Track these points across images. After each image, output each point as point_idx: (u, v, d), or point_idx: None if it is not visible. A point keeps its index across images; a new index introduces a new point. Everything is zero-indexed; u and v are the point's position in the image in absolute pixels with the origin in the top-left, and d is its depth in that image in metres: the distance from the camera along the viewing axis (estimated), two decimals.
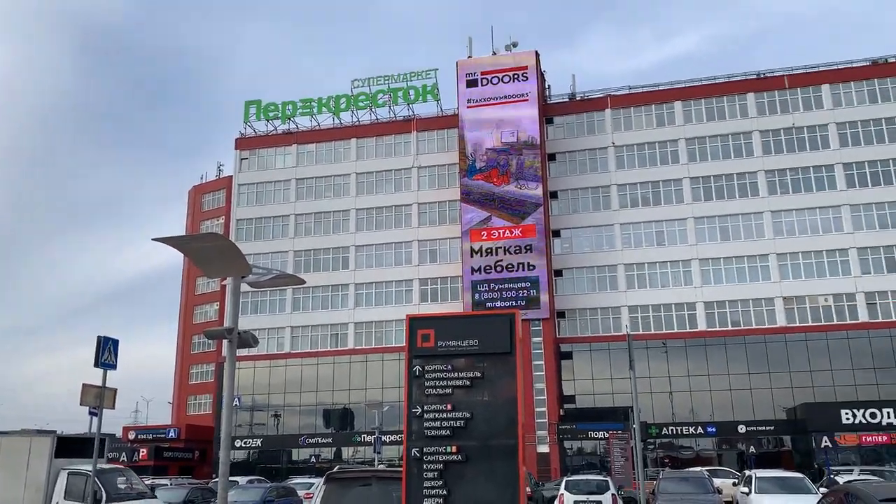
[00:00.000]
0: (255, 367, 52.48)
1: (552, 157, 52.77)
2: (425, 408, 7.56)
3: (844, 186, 47.29)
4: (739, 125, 50.01)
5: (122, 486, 16.22)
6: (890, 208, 46.31)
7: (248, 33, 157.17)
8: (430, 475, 7.36)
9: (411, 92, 54.98)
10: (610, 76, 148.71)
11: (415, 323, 7.90)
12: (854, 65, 49.65)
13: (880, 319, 44.80)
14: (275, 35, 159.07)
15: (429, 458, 7.42)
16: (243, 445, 51.52)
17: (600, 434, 44.65)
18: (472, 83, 52.14)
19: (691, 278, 48.22)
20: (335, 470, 11.13)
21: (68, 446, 16.67)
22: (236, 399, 50.61)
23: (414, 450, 7.47)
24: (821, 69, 50.04)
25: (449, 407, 7.54)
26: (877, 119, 47.91)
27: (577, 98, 54.45)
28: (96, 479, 15.14)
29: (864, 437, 41.14)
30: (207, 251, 7.45)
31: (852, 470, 34.28)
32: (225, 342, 7.96)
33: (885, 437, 40.97)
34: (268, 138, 58.28)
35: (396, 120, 56.05)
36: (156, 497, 17.42)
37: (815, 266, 46.55)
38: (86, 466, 15.76)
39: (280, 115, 57.38)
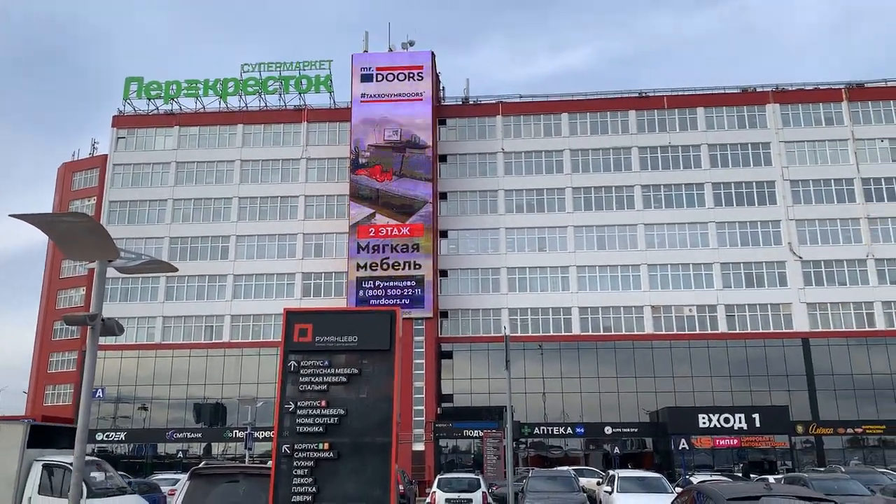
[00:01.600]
0: (122, 356, 49.83)
1: (443, 158, 53.24)
2: (299, 404, 7.41)
3: (712, 204, 50.41)
4: (620, 140, 52.30)
5: (100, 480, 14.84)
6: (752, 227, 49.77)
7: (136, 6, 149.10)
8: (300, 472, 7.23)
9: (304, 81, 53.94)
10: (503, 83, 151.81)
11: (292, 317, 7.73)
12: (726, 91, 53.07)
13: (737, 330, 48.07)
14: (164, 12, 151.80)
15: (300, 454, 7.29)
16: (105, 439, 48.78)
17: (475, 433, 45.49)
18: (366, 78, 51.80)
19: (569, 284, 49.96)
20: (201, 465, 10.71)
21: (38, 436, 15.10)
22: (98, 390, 47.84)
23: (284, 446, 7.31)
24: (697, 93, 53.17)
25: (324, 403, 7.43)
26: (744, 143, 51.40)
27: (471, 102, 55.21)
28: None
29: (717, 441, 44.01)
30: (71, 231, 6.96)
31: (706, 471, 36.67)
32: (88, 329, 7.47)
33: (735, 441, 44.00)
34: (148, 118, 55.52)
35: (287, 109, 54.82)
36: (136, 492, 16.01)
37: (682, 278, 49.36)
38: (60, 458, 14.44)
39: (163, 94, 54.79)
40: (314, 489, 7.18)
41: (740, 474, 36.81)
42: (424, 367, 47.11)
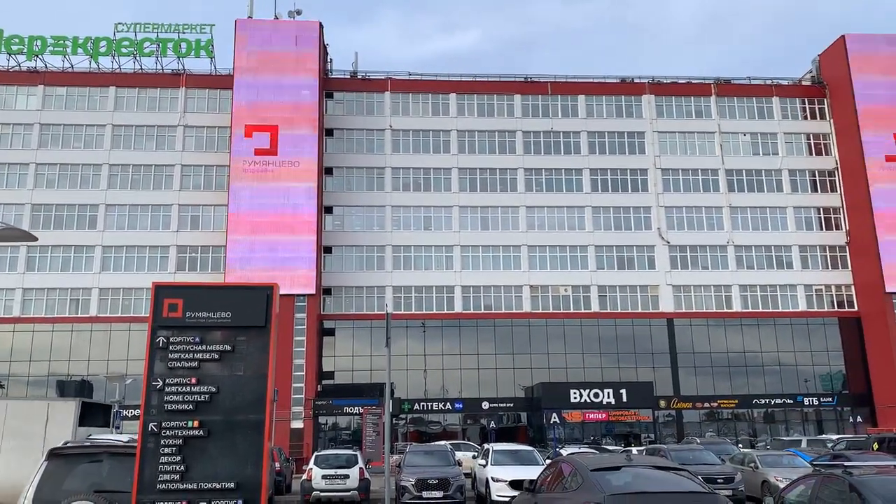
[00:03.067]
0: None
1: (329, 132, 52.42)
2: (168, 381, 7.20)
3: (590, 190, 52.42)
4: (506, 123, 53.33)
5: None
6: (625, 212, 52.18)
7: None
8: (167, 451, 7.05)
9: (183, 45, 51.44)
10: (393, 61, 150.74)
11: (161, 291, 7.49)
12: (606, 81, 55.13)
13: (609, 310, 50.47)
14: None
15: (167, 433, 7.10)
16: None
17: (356, 410, 45.56)
18: (250, 45, 50.02)
19: (453, 263, 50.68)
20: (61, 445, 10.18)
21: (85, 414, 14.62)
22: None
23: (151, 424, 7.10)
24: (579, 81, 54.92)
25: (194, 381, 7.25)
26: (621, 132, 53.67)
27: (359, 77, 54.54)
28: None
29: (587, 415, 46.23)
30: None
31: (577, 444, 38.47)
32: None
33: (604, 415, 46.38)
34: (9, 75, 51.27)
35: (164, 73, 52.14)
36: None
37: (559, 259, 51.19)
38: (107, 435, 13.84)
39: (26, 50, 50.72)
40: (182, 468, 7.02)
41: (609, 447, 38.83)
42: (305, 344, 46.56)
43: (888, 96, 51.17)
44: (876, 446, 21.80)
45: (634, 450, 27.07)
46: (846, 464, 11.16)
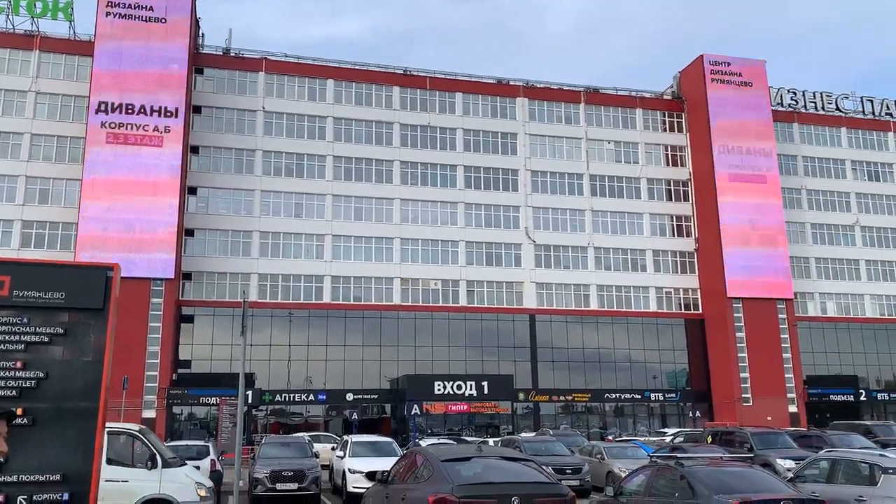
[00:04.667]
0: None
1: (197, 109, 50.16)
2: None
3: (463, 186, 53.25)
4: (384, 115, 53.13)
5: (163, 449, 13.46)
6: (495, 210, 53.39)
7: None
8: None
9: (38, 4, 47.47)
10: (272, 43, 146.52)
11: None
12: (483, 80, 56.15)
13: (476, 305, 51.52)
14: None
15: None
16: None
17: (213, 400, 43.94)
18: (115, 11, 46.88)
19: (323, 252, 49.96)
20: None
21: None
22: None
23: None
24: (457, 78, 55.62)
25: (19, 365, 6.69)
26: (495, 132, 54.84)
27: (233, 54, 52.53)
28: (146, 440, 12.67)
29: (450, 406, 47.04)
30: None
31: (437, 435, 39.03)
32: None
33: (466, 407, 47.35)
34: None
35: (15, 33, 47.93)
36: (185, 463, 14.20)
37: (431, 253, 51.69)
38: (116, 424, 12.83)
39: None
40: (1, 459, 6.45)
41: (468, 438, 39.64)
42: (161, 330, 44.36)
43: (738, 115, 55.27)
44: (709, 439, 23.50)
45: (491, 441, 27.81)
46: (679, 456, 11.97)
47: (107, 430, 13.52)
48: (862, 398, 54.53)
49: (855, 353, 55.90)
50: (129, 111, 45.80)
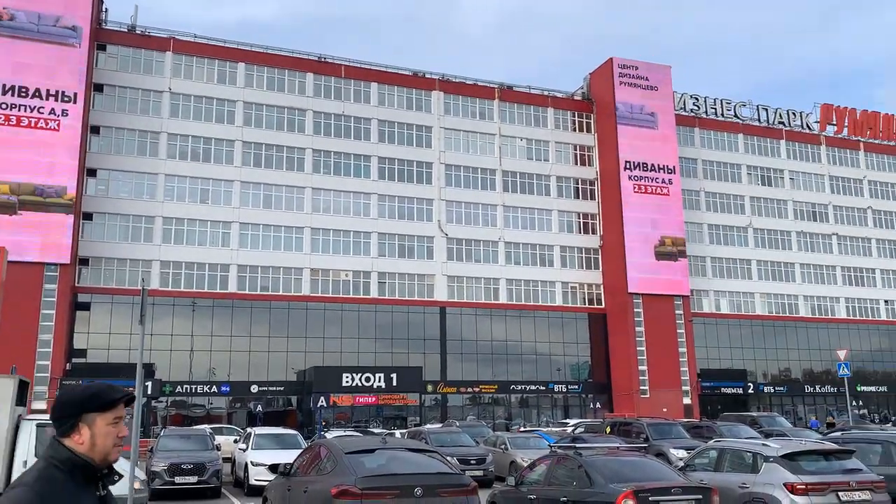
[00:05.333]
0: None
1: (99, 87, 47.83)
2: None
3: (377, 177, 52.97)
4: (297, 101, 52.17)
5: None
6: (409, 203, 53.40)
7: None
8: None
9: None
10: (183, 23, 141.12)
11: None
12: (400, 71, 55.96)
13: (387, 297, 51.44)
14: None
15: None
16: None
17: None
18: None
19: (229, 240, 48.68)
20: None
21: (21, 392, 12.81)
22: None
23: None
24: (373, 68, 55.20)
25: None
26: (410, 124, 54.80)
27: (138, 32, 50.30)
28: None
29: (357, 398, 46.86)
30: None
31: (343, 427, 38.79)
32: None
33: (373, 399, 47.29)
34: None
35: None
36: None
37: (343, 244, 51.22)
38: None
39: None
40: None
41: (375, 430, 39.60)
42: (55, 318, 42.17)
43: (644, 118, 57.30)
44: (608, 430, 24.40)
45: (397, 433, 27.90)
46: (577, 446, 12.37)
47: (35, 422, 13.02)
48: (750, 391, 57.77)
49: (745, 348, 59.14)
50: (23, 94, 43.16)
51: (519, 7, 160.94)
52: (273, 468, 16.68)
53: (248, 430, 22.08)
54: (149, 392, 41.35)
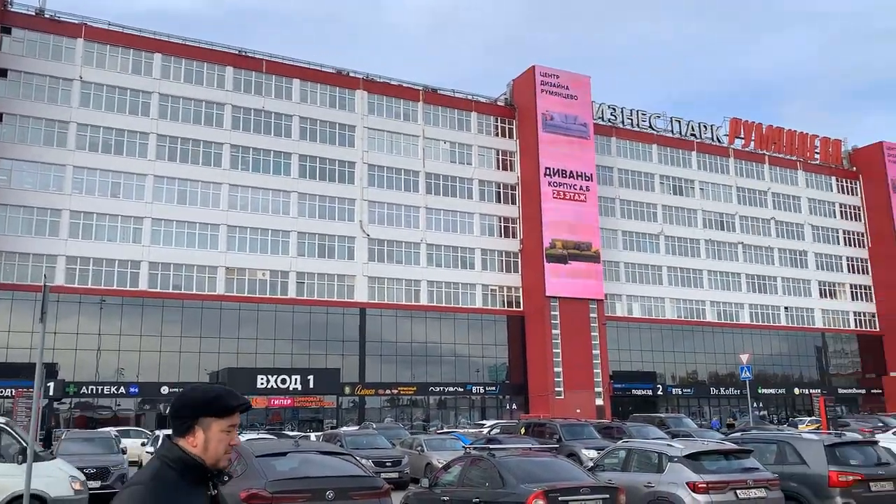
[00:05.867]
0: None
1: (3, 72, 45.36)
2: None
3: (297, 175, 52.18)
4: (215, 95, 50.84)
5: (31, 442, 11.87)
6: (330, 202, 52.84)
7: None
8: None
9: None
10: (96, 9, 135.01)
11: None
12: (323, 69, 55.33)
13: (305, 297, 50.72)
14: None
15: None
16: None
17: (8, 392, 39.97)
18: None
19: (141, 236, 47.00)
20: None
21: None
22: None
23: None
24: (295, 64, 54.36)
25: None
26: (332, 122, 54.24)
27: (47, 16, 47.93)
28: (14, 433, 11.99)
29: (272, 400, 46.02)
30: None
31: (257, 429, 38.01)
32: None
33: (289, 401, 46.55)
34: None
35: None
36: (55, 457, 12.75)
37: (260, 242, 50.21)
38: None
39: None
40: None
41: (290, 433, 38.99)
42: None
43: (564, 126, 58.54)
44: (523, 430, 24.81)
45: (312, 435, 27.56)
46: (491, 447, 12.54)
47: None
48: (659, 392, 59.87)
49: (655, 351, 61.23)
50: None
51: (445, 11, 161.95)
52: None
53: (157, 432, 21.35)
54: (51, 393, 39.50)
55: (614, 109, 64.15)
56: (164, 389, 45.49)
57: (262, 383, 45.35)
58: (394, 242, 54.24)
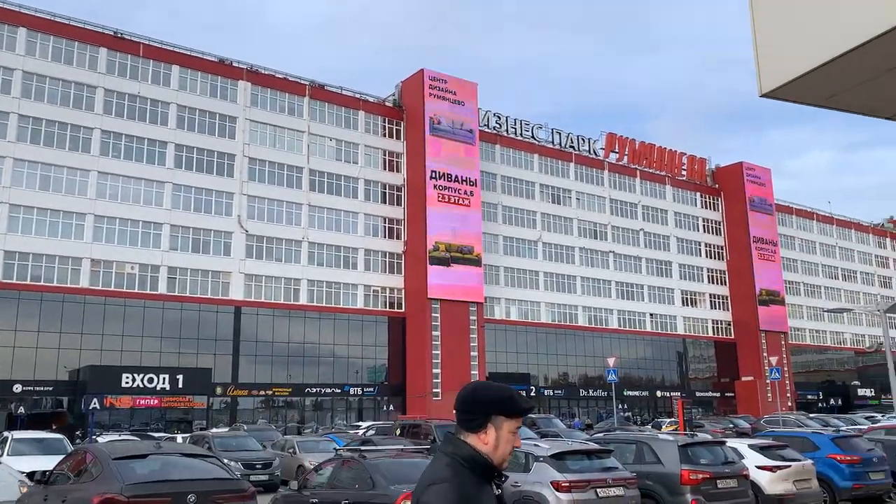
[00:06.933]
0: None
1: None
2: None
3: (173, 165, 50.00)
4: (86, 76, 47.91)
5: None
6: (207, 195, 50.96)
7: None
8: None
9: None
10: None
11: None
12: (204, 56, 53.31)
13: (177, 293, 48.63)
14: None
15: None
16: None
17: None
18: None
19: None
20: None
21: None
22: None
23: None
24: (175, 50, 52.09)
25: None
26: (213, 112, 52.35)
27: None
28: None
29: (138, 400, 43.81)
30: None
31: (120, 431, 36.09)
32: None
33: (157, 401, 44.46)
34: None
35: None
36: None
37: (130, 234, 47.73)
38: None
39: None
40: None
41: (155, 434, 37.27)
42: None
43: (450, 131, 59.25)
44: (398, 432, 24.84)
45: (179, 437, 26.47)
46: (363, 449, 12.52)
47: None
48: (532, 393, 61.64)
49: (529, 353, 63.10)
50: None
51: (336, 7, 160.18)
52: (31, 476, 15.16)
53: (6, 433, 19.85)
54: None
55: (499, 118, 65.63)
56: (17, 388, 42.35)
57: (127, 382, 43.05)
58: (273, 239, 53.02)
